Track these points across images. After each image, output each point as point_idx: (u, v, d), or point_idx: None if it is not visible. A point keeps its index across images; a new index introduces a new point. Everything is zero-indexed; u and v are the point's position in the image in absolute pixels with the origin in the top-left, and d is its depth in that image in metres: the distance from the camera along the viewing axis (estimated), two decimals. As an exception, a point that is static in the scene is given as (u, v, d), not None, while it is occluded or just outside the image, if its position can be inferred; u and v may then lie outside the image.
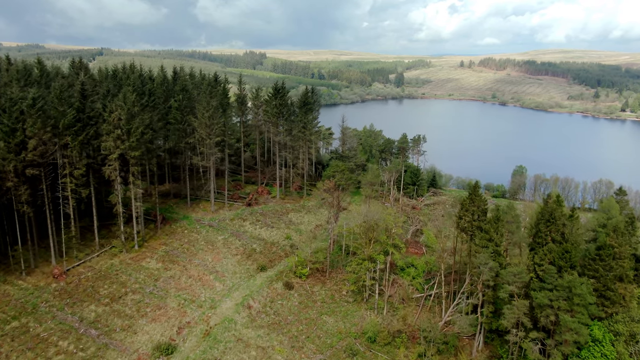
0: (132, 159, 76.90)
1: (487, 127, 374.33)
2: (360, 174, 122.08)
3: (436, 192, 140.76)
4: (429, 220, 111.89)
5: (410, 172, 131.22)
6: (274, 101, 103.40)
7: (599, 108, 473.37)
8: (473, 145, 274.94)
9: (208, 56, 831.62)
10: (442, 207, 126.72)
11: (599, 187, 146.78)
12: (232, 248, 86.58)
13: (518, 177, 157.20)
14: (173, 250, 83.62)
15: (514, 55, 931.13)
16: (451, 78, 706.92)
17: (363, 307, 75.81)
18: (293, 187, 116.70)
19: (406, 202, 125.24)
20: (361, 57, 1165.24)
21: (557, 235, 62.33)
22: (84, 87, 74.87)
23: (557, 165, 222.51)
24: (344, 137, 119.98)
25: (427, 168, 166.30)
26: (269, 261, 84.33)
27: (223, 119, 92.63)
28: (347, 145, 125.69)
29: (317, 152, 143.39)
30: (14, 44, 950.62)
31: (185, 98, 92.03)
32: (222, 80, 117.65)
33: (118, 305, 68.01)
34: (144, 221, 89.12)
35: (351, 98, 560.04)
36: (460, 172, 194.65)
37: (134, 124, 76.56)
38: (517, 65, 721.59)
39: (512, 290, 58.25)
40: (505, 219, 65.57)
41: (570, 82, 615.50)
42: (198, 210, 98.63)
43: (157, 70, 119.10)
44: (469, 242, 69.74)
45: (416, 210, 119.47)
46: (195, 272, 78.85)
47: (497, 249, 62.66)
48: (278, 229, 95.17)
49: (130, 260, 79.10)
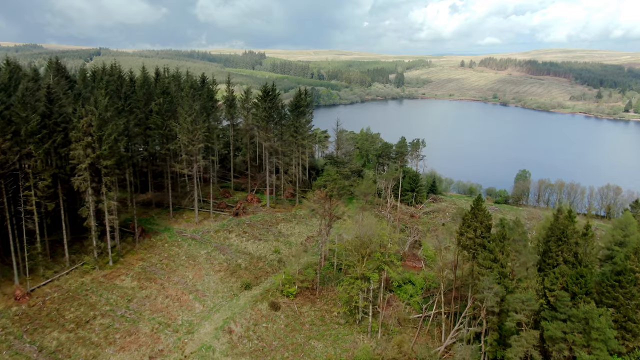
0: (105, 169, 70.59)
1: (488, 128, 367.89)
2: (355, 180, 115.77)
3: (436, 198, 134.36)
4: (428, 230, 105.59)
5: (408, 178, 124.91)
6: (263, 104, 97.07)
7: (601, 108, 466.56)
8: (474, 148, 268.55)
9: (207, 56, 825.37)
10: (442, 215, 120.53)
11: (606, 192, 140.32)
12: (215, 263, 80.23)
13: (521, 183, 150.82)
14: (151, 267, 77.31)
15: (515, 55, 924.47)
16: (452, 78, 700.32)
17: (355, 330, 69.43)
18: (284, 194, 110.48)
19: (404, 210, 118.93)
20: (361, 57, 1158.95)
21: (569, 256, 55.97)
22: (50, 91, 68.53)
23: (561, 168, 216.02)
24: (338, 142, 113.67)
25: (427, 173, 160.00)
26: (254, 278, 77.99)
27: (207, 124, 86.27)
28: (343, 149, 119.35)
29: (312, 157, 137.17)
30: (12, 44, 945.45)
31: (166, 101, 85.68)
32: (210, 82, 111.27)
33: (84, 331, 61.67)
34: (121, 234, 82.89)
35: (351, 98, 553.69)
36: (461, 175, 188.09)
37: (107, 130, 70.27)
38: (518, 65, 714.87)
39: (520, 318, 51.88)
40: (511, 237, 59.16)
41: (572, 82, 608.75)
42: (181, 221, 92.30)
43: (140, 71, 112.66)
44: (471, 261, 63.37)
45: (415, 219, 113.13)
46: (174, 291, 72.53)
47: (502, 270, 56.28)
48: (266, 241, 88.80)
49: (103, 278, 72.80)
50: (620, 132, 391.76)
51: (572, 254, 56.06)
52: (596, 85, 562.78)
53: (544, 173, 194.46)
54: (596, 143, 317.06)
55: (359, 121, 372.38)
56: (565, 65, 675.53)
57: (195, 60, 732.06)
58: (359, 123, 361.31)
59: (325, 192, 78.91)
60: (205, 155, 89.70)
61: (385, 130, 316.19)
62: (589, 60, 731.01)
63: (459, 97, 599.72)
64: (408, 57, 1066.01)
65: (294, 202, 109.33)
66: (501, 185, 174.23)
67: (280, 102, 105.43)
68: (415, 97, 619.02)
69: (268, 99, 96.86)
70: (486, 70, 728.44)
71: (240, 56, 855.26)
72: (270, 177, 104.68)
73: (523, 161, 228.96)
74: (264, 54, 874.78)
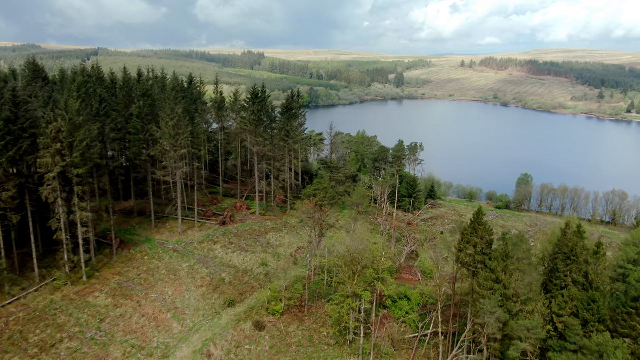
0: (76, 178, 65.44)
1: (489, 129, 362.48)
2: (350, 186, 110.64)
3: (435, 204, 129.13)
4: (426, 239, 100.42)
5: (406, 184, 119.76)
6: (252, 107, 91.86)
7: (603, 109, 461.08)
8: (474, 150, 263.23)
9: (206, 56, 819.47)
10: (440, 223, 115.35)
11: (612, 198, 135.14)
12: (198, 278, 75.08)
13: (523, 187, 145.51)
14: (128, 282, 72.16)
15: (516, 54, 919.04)
16: (452, 78, 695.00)
17: (346, 352, 64.26)
18: (276, 201, 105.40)
19: (401, 218, 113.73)
20: (361, 57, 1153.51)
21: (579, 276, 50.79)
22: (15, 94, 63.38)
23: (563, 172, 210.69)
24: (332, 146, 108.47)
25: (425, 177, 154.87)
26: (238, 294, 72.87)
27: (190, 128, 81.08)
28: (338, 153, 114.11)
29: (306, 161, 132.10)
30: (10, 44, 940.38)
31: (147, 104, 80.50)
32: (197, 82, 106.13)
33: (48, 356, 56.49)
34: (98, 246, 77.89)
35: (350, 99, 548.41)
36: (461, 179, 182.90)
37: (78, 136, 65.15)
38: (518, 65, 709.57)
39: (526, 347, 46.72)
40: (515, 255, 53.96)
41: (574, 82, 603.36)
42: (164, 231, 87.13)
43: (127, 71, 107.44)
44: (470, 279, 58.22)
45: (412, 227, 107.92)
46: (151, 309, 67.40)
47: (505, 292, 51.11)
48: (253, 253, 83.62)
49: (75, 295, 67.67)
50: (623, 133, 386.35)
51: (582, 274, 50.90)
52: (597, 86, 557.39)
53: (546, 176, 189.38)
54: (599, 145, 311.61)
55: (358, 122, 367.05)
56: (566, 65, 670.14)
57: (194, 60, 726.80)
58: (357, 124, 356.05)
59: (315, 201, 73.74)
60: (189, 162, 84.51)
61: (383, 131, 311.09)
62: (590, 60, 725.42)
63: (459, 97, 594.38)
64: (408, 57, 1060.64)
65: (285, 209, 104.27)
66: (502, 189, 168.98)
67: (271, 105, 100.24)
68: (415, 98, 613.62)
69: (257, 101, 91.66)
70: (486, 71, 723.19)
71: (239, 56, 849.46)
72: (260, 183, 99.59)
73: (524, 164, 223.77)
74: (263, 54, 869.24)
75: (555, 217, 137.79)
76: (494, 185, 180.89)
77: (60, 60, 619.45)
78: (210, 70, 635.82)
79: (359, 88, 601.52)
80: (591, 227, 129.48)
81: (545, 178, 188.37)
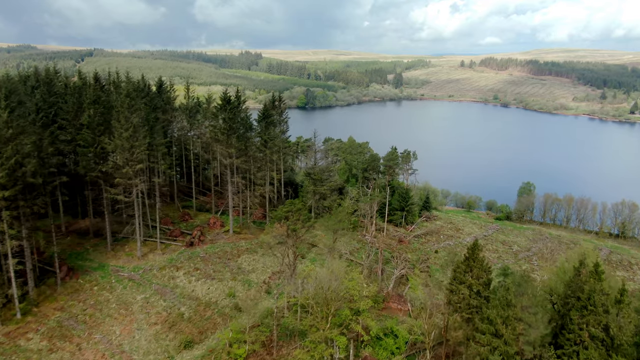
0: (3, 201, 55.74)
1: (488, 132, 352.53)
2: (335, 200, 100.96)
3: (430, 216, 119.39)
4: (418, 260, 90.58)
5: (398, 195, 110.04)
6: (222, 114, 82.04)
7: (606, 110, 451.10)
8: (474, 154, 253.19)
9: (202, 56, 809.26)
10: (435, 239, 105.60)
11: (621, 209, 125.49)
12: (152, 313, 65.31)
13: (525, 197, 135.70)
14: (70, 319, 62.42)
15: (516, 54, 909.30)
16: (451, 79, 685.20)
17: (319, 407, 54.50)
18: (253, 217, 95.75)
19: (392, 233, 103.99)
20: (361, 57, 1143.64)
21: (597, 330, 41.03)
22: None
23: (567, 177, 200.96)
24: (316, 155, 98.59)
25: (421, 186, 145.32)
26: (198, 332, 63.13)
27: (148, 140, 71.31)
28: (325, 162, 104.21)
29: (291, 170, 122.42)
30: (5, 45, 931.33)
31: (98, 113, 70.71)
32: (168, 86, 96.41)
33: (-46, 422, 46.87)
34: (43, 274, 68.28)
35: (347, 100, 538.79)
36: (459, 186, 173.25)
37: (5, 152, 55.45)
38: (519, 65, 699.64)
39: None
40: (518, 304, 44.13)
41: (575, 82, 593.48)
42: (121, 254, 77.32)
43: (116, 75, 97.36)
44: (464, 327, 48.44)
45: (403, 245, 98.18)
46: (92, 355, 57.63)
47: (507, 349, 41.34)
48: (220, 280, 73.83)
49: (4, 337, 57.90)
50: (627, 135, 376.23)
51: (601, 327, 41.15)
52: (599, 86, 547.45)
53: (550, 183, 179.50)
54: (604, 148, 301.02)
55: (353, 125, 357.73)
56: (568, 65, 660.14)
57: (190, 61, 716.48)
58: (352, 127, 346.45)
59: (287, 225, 63.93)
60: (148, 178, 74.76)
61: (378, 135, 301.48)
62: (592, 60, 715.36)
63: (458, 98, 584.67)
64: (407, 57, 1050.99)
65: (264, 226, 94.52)
66: (503, 197, 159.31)
67: (247, 111, 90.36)
68: (414, 98, 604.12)
69: (229, 107, 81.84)
70: (486, 71, 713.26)
71: (236, 56, 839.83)
72: (234, 198, 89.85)
73: (526, 170, 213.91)
74: (260, 54, 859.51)
75: (560, 230, 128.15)
76: (494, 193, 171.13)
77: (53, 62, 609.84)
78: (205, 71, 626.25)
79: (356, 89, 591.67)
80: (599, 240, 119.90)
81: (549, 185, 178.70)
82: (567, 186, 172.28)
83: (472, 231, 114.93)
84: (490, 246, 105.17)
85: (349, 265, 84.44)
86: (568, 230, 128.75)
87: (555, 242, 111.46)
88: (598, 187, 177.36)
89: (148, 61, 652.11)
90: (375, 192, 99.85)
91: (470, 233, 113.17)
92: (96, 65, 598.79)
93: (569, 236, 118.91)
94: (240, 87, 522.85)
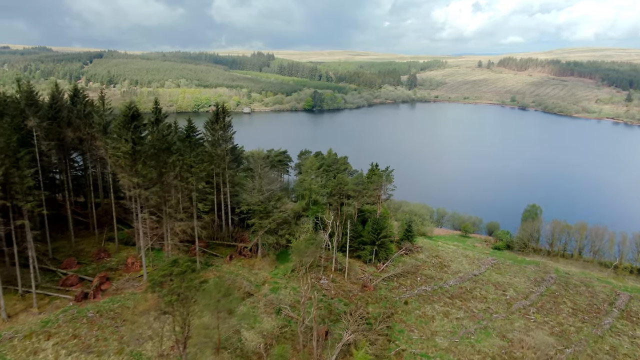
0: None
1: (499, 138, 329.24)
2: (289, 230, 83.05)
3: (412, 248, 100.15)
4: (379, 317, 71.57)
5: (370, 225, 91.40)
6: (125, 134, 64.78)
7: (632, 114, 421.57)
8: (477, 166, 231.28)
9: (214, 58, 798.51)
10: (410, 281, 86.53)
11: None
12: (-13, 410, 48.37)
13: (530, 223, 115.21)
14: None
15: (537, 54, 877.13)
16: (467, 80, 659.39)
17: None
18: (189, 254, 78.48)
19: (357, 274, 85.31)
20: (377, 57, 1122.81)
21: None
22: None
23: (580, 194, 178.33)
24: (260, 180, 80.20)
25: (408, 208, 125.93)
26: None
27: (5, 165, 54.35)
28: (278, 185, 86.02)
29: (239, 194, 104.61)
30: (21, 47, 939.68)
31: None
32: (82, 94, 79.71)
33: None
34: None
35: (357, 102, 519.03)
36: (458, 204, 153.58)
37: None
38: (539, 65, 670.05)
39: None
40: None
41: (599, 83, 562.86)
42: (-15, 314, 60.63)
43: None
44: None
45: (367, 292, 79.44)
46: None
47: None
48: (99, 355, 56.29)
49: None
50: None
51: None
52: (625, 87, 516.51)
53: (560, 203, 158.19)
54: (627, 157, 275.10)
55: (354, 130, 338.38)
56: (591, 65, 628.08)
57: (200, 62, 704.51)
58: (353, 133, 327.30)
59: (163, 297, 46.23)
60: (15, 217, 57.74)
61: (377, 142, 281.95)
62: (617, 60, 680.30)
63: (474, 100, 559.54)
64: (424, 57, 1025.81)
65: (194, 265, 77.04)
66: (507, 218, 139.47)
67: (165, 129, 72.85)
68: (427, 100, 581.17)
69: (132, 125, 64.55)
70: (505, 71, 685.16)
71: (248, 57, 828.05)
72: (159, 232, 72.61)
73: (536, 184, 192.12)
74: (272, 55, 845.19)
75: (569, 263, 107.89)
76: (497, 212, 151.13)
77: (61, 64, 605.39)
78: (213, 73, 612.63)
79: (368, 90, 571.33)
80: (617, 279, 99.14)
81: (559, 204, 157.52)
82: (581, 207, 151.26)
83: (460, 268, 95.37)
84: (478, 291, 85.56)
85: (286, 325, 66.51)
86: (580, 263, 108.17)
87: (562, 284, 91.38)
88: (618, 210, 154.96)
89: (157, 63, 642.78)
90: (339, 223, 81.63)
91: (458, 272, 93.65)
92: (102, 67, 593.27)
93: (580, 274, 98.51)
94: (245, 90, 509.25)
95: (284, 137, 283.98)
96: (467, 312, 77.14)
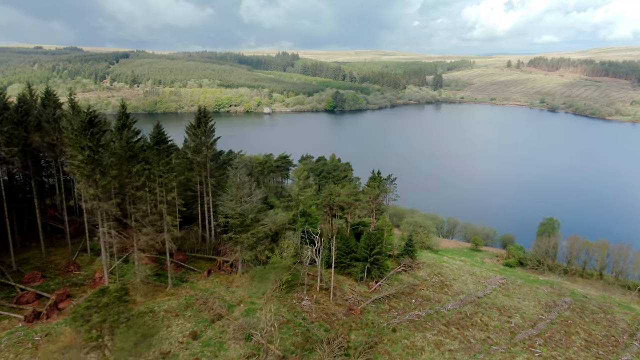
0: None
1: (521, 141, 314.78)
2: (266, 247, 76.54)
3: (412, 264, 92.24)
4: (360, 347, 64.23)
5: (364, 240, 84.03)
6: (83, 141, 59.46)
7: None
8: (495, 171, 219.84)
9: (239, 58, 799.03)
10: (404, 303, 78.71)
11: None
12: None
13: (546, 238, 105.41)
14: None
15: (571, 54, 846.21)
16: (495, 80, 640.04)
17: None
18: (164, 268, 73.17)
19: (345, 294, 78.09)
20: (405, 57, 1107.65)
21: None
22: None
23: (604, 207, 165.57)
24: (238, 190, 73.94)
25: (413, 219, 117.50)
26: None
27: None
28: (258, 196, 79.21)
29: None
30: (53, 47, 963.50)
31: None
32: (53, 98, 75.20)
33: None
34: None
35: (379, 103, 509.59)
36: (472, 214, 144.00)
37: None
38: (571, 65, 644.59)
39: None
40: None
41: (635, 84, 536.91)
42: None
43: None
44: None
45: (352, 315, 72.16)
46: None
47: None
48: (38, 387, 51.01)
49: None
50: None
51: None
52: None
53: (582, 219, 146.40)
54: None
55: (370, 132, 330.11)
56: (627, 65, 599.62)
57: (223, 62, 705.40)
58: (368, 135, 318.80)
59: (84, 332, 40.23)
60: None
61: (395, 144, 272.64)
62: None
63: (501, 101, 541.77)
64: (452, 57, 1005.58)
65: (165, 282, 71.68)
66: (524, 229, 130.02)
67: (133, 135, 67.33)
68: (452, 102, 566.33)
69: (89, 132, 59.16)
70: (535, 71, 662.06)
71: (273, 57, 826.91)
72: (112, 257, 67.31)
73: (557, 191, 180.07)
74: (297, 55, 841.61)
75: (588, 284, 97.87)
76: (514, 223, 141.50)
77: (88, 64, 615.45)
78: (236, 73, 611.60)
79: (392, 91, 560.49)
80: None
81: (580, 214, 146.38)
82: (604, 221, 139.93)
83: (462, 289, 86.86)
84: (479, 317, 77.01)
85: (254, 354, 59.97)
86: (600, 284, 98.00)
87: (576, 310, 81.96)
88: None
89: (181, 63, 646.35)
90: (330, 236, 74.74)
91: (460, 292, 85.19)
92: (127, 67, 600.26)
93: (599, 298, 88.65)
94: (267, 90, 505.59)
95: (297, 138, 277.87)
96: (463, 342, 68.89)
